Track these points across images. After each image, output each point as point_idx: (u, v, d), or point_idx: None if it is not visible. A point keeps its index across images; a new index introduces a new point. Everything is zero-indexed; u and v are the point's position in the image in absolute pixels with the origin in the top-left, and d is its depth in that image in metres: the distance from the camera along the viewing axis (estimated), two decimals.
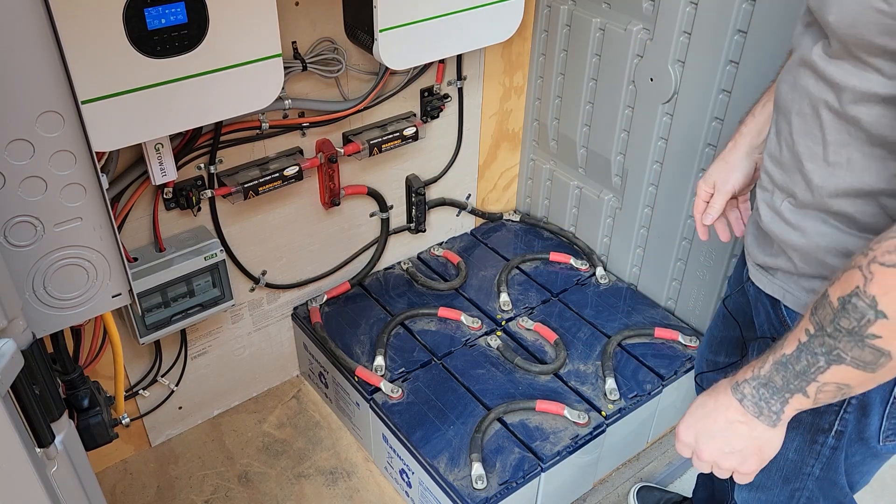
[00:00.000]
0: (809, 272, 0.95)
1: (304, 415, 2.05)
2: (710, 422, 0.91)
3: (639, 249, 2.08)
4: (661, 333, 1.93)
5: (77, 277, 0.91)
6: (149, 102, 1.23)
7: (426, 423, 1.70)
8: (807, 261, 0.94)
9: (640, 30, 1.80)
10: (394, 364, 1.85)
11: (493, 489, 1.57)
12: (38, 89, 0.78)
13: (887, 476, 1.98)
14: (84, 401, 1.14)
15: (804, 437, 1.06)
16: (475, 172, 2.25)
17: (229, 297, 1.74)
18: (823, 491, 1.13)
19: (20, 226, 0.84)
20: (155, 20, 1.18)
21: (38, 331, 0.90)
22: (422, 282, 2.10)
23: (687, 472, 1.97)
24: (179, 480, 1.87)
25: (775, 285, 1.01)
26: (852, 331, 0.76)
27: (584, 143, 2.10)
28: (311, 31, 1.65)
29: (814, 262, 0.94)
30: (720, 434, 0.91)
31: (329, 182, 1.84)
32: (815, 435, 1.06)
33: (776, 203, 0.98)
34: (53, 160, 0.82)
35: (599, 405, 1.75)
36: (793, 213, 0.95)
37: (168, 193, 1.59)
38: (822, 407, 0.95)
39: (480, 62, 2.06)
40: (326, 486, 1.86)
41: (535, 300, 2.05)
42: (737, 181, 1.20)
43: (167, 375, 1.85)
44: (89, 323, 1.40)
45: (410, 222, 2.15)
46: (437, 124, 2.06)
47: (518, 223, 2.37)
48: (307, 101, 1.71)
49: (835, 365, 0.79)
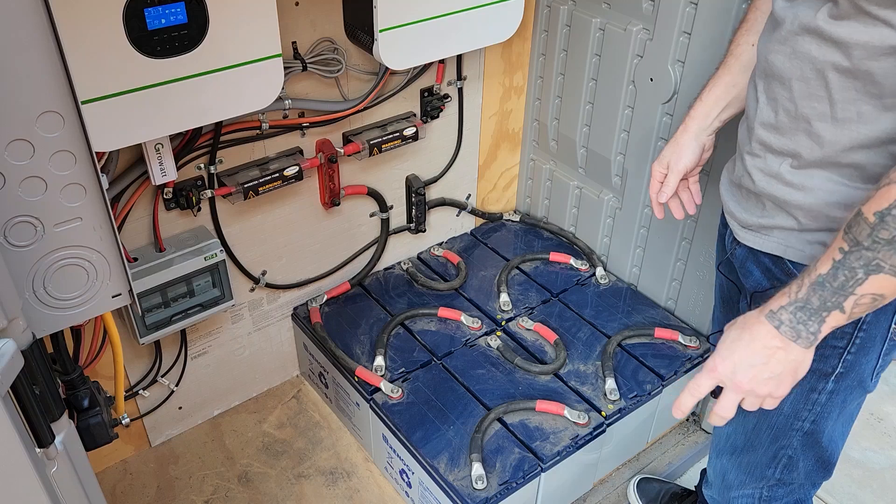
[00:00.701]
0: (814, 227, 1.01)
1: (304, 415, 2.05)
2: (749, 351, 0.96)
3: (639, 249, 2.08)
4: (661, 333, 1.93)
5: (77, 277, 0.91)
6: (149, 102, 1.23)
7: (426, 423, 1.70)
8: (812, 216, 1.00)
9: (640, 30, 1.80)
10: (394, 364, 1.85)
11: (493, 489, 1.57)
12: (38, 89, 0.78)
13: (887, 476, 1.98)
14: (84, 401, 1.14)
15: (803, 386, 1.08)
16: (475, 172, 2.25)
17: (229, 297, 1.74)
18: (805, 449, 1.18)
19: (20, 226, 0.84)
20: (155, 20, 1.18)
21: (38, 331, 0.90)
22: (422, 282, 2.10)
23: (687, 472, 1.97)
24: (179, 480, 1.87)
25: (773, 243, 1.07)
26: (891, 240, 0.82)
27: (584, 143, 2.10)
28: (311, 31, 1.65)
29: (821, 217, 1.00)
30: (759, 361, 0.95)
31: (329, 182, 1.84)
32: (815, 382, 1.11)
33: (772, 167, 1.04)
34: (53, 160, 0.82)
35: (599, 405, 1.75)
36: (794, 174, 1.01)
37: (168, 193, 1.59)
38: (826, 350, 1.05)
39: (480, 62, 2.06)
40: (326, 487, 1.86)
41: (535, 300, 2.05)
42: (688, 160, 1.31)
43: (167, 375, 1.85)
44: (89, 323, 1.41)
45: (410, 222, 2.15)
46: (437, 124, 2.06)
47: (518, 223, 2.37)
48: (307, 101, 1.71)
49: (873, 275, 0.85)
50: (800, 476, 1.23)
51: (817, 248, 1.01)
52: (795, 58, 0.96)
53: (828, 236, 1.00)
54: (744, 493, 1.30)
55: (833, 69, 0.92)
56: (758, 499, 1.29)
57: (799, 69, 0.96)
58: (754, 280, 1.13)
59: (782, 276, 1.07)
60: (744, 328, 0.97)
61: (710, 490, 1.39)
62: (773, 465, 1.22)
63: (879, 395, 2.22)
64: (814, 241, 1.02)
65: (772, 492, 1.27)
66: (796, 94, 0.97)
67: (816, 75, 0.94)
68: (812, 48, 0.93)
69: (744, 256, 1.15)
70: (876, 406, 2.19)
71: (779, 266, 1.08)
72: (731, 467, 1.28)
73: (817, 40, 0.92)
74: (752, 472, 1.26)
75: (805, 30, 0.94)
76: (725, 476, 1.31)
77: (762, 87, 1.04)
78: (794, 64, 0.97)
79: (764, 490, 1.27)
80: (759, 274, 1.12)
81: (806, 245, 1.03)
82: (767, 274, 1.10)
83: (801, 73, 0.96)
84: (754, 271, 1.13)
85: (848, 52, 0.89)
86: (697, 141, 1.30)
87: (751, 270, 1.14)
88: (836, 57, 0.91)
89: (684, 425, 2.08)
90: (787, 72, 0.98)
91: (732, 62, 1.24)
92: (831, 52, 0.91)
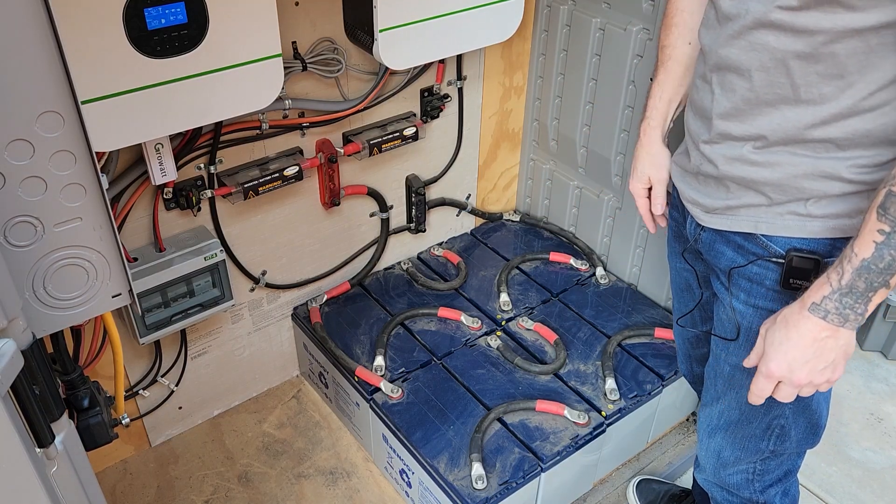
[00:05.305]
0: (784, 199, 1.05)
1: (304, 415, 2.05)
2: (801, 348, 1.00)
3: (639, 249, 2.08)
4: (661, 333, 1.93)
5: (77, 277, 0.91)
6: (149, 102, 1.23)
7: (426, 423, 1.70)
8: (781, 190, 1.05)
9: (640, 30, 1.80)
10: (394, 364, 1.85)
11: (493, 489, 1.57)
12: (38, 89, 0.78)
13: (887, 476, 1.98)
14: (84, 401, 1.14)
15: None
16: (475, 172, 2.25)
17: (229, 297, 1.74)
18: (797, 416, 1.22)
19: (20, 226, 0.84)
20: (155, 20, 1.18)
21: (38, 331, 0.90)
22: (422, 282, 2.10)
23: (687, 472, 1.97)
24: (179, 480, 1.87)
25: (743, 221, 1.11)
26: None
27: (584, 143, 2.10)
28: (311, 31, 1.65)
29: (789, 189, 1.04)
30: (813, 356, 0.99)
31: (329, 182, 1.84)
32: None
33: (734, 152, 1.08)
34: (53, 160, 0.82)
35: (599, 405, 1.75)
36: (759, 153, 1.05)
37: (168, 193, 1.59)
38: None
39: (480, 62, 2.06)
40: (326, 487, 1.86)
41: (535, 300, 2.05)
42: (668, 167, 1.33)
43: (167, 375, 1.85)
44: (89, 323, 1.41)
45: (410, 222, 2.15)
46: (437, 124, 2.06)
47: (518, 223, 2.37)
48: (307, 101, 1.71)
49: None
50: (791, 445, 1.26)
51: (789, 219, 1.06)
52: (752, 50, 1.00)
53: (797, 206, 1.05)
54: (738, 470, 1.32)
55: (794, 57, 0.96)
56: (752, 473, 1.32)
57: (758, 60, 1.00)
58: (727, 259, 1.16)
59: (758, 249, 1.11)
60: (788, 327, 1.00)
61: (703, 474, 1.41)
62: (766, 436, 1.25)
63: (879, 396, 2.22)
64: (784, 213, 1.06)
65: (765, 465, 1.30)
66: (756, 83, 1.01)
67: (776, 64, 0.98)
68: (770, 39, 0.97)
69: (711, 239, 1.18)
70: (876, 406, 2.19)
71: (752, 241, 1.11)
72: (725, 444, 1.31)
73: (774, 32, 0.96)
74: (746, 447, 1.29)
75: (760, 23, 0.97)
76: (720, 454, 1.33)
77: (716, 80, 1.07)
78: (751, 56, 1.00)
79: (757, 464, 1.30)
80: (732, 252, 1.15)
81: (777, 217, 1.07)
82: (741, 251, 1.13)
83: (761, 64, 0.99)
84: (725, 251, 1.16)
85: (810, 39, 0.93)
86: (664, 146, 1.34)
87: (721, 251, 1.17)
88: (797, 45, 0.95)
89: (684, 425, 2.08)
90: (744, 63, 1.01)
91: (673, 65, 1.28)
92: (791, 41, 0.95)
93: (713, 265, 1.21)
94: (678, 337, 1.55)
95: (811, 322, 0.98)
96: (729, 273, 1.16)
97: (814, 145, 1.00)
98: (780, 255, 1.08)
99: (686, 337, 1.50)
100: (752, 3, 0.98)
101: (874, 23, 0.89)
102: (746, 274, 1.13)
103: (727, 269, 1.16)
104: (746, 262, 1.12)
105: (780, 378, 1.03)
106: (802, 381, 1.02)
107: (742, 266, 1.13)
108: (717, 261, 1.19)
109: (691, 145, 1.17)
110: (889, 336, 2.33)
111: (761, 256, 1.10)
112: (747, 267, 1.13)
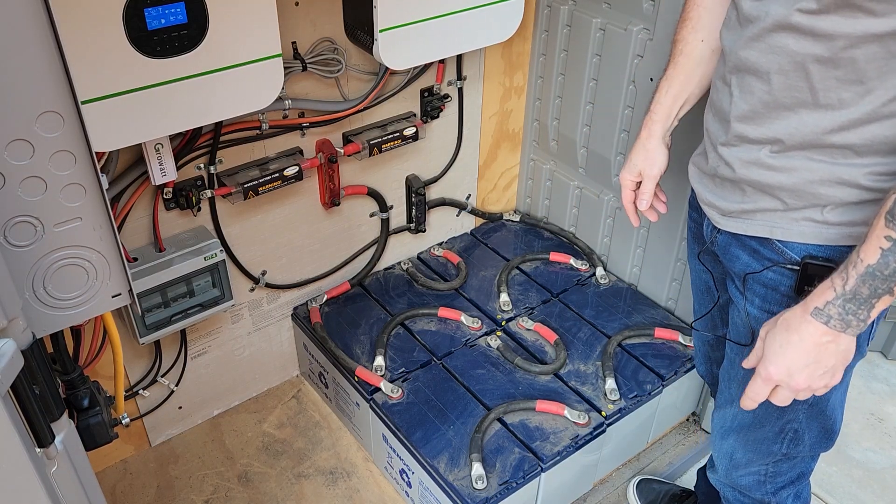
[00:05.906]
0: (800, 205, 1.04)
1: (304, 415, 2.05)
2: (801, 352, 0.99)
3: (639, 249, 2.08)
4: (661, 333, 1.93)
5: (77, 277, 0.91)
6: (149, 102, 1.23)
7: (426, 423, 1.70)
8: (797, 196, 1.04)
9: (641, 30, 1.80)
10: (394, 364, 1.85)
11: (493, 489, 1.57)
12: (38, 89, 0.78)
13: (887, 476, 1.98)
14: (84, 401, 1.14)
15: None
16: (475, 172, 2.25)
17: (229, 297, 1.74)
18: (810, 420, 1.21)
19: (20, 226, 0.84)
20: (155, 20, 1.18)
21: (38, 331, 0.90)
22: (422, 282, 2.10)
23: (687, 472, 1.97)
24: (179, 480, 1.87)
25: (759, 226, 1.10)
26: None
27: (584, 143, 2.10)
28: (311, 31, 1.65)
29: (805, 195, 1.03)
30: (813, 360, 0.99)
31: (329, 182, 1.84)
32: None
33: (752, 154, 1.06)
34: (53, 160, 0.82)
35: (599, 405, 1.75)
36: (775, 158, 1.04)
37: (168, 193, 1.59)
38: None
39: (480, 62, 2.06)
40: (326, 486, 1.86)
41: (535, 300, 2.05)
42: (662, 165, 1.34)
43: (167, 375, 1.85)
44: (89, 323, 1.41)
45: (410, 222, 2.15)
46: (437, 124, 2.06)
47: (518, 223, 2.37)
48: (307, 102, 1.71)
49: None
50: (804, 448, 1.25)
51: (805, 225, 1.05)
52: (772, 52, 0.99)
53: (814, 212, 1.03)
54: (750, 472, 1.32)
55: (814, 61, 0.95)
56: (763, 475, 1.31)
57: (777, 63, 0.99)
58: (742, 263, 1.15)
59: (773, 255, 1.10)
60: (789, 330, 0.99)
61: (715, 474, 1.40)
62: (779, 439, 1.24)
63: (880, 396, 2.22)
64: (800, 219, 1.05)
65: (777, 467, 1.29)
66: (775, 86, 1.00)
67: (795, 67, 0.97)
68: (789, 42, 0.96)
69: (727, 242, 1.17)
70: (876, 406, 2.19)
71: (767, 246, 1.10)
72: (738, 446, 1.30)
73: (794, 35, 0.95)
74: (758, 449, 1.28)
75: (780, 26, 0.96)
76: (733, 456, 1.32)
77: (735, 81, 1.07)
78: (770, 58, 1.00)
79: (770, 466, 1.29)
80: (747, 257, 1.14)
81: (792, 223, 1.06)
82: (755, 255, 1.13)
83: (780, 67, 0.99)
84: (741, 255, 1.15)
85: (830, 43, 0.92)
86: (664, 143, 1.33)
87: (737, 255, 1.16)
88: (817, 49, 0.94)
89: (684, 425, 2.08)
90: (763, 66, 1.01)
91: (683, 60, 1.26)
92: (810, 44, 0.94)
93: (729, 269, 1.21)
94: (697, 339, 1.54)
95: (813, 326, 0.97)
96: (744, 278, 1.16)
97: (831, 151, 0.99)
98: (795, 262, 1.07)
99: (705, 339, 1.49)
100: (772, 6, 0.97)
101: (894, 28, 0.88)
102: (762, 280, 1.12)
103: (742, 274, 1.16)
104: (762, 267, 1.11)
105: (778, 381, 1.03)
106: (801, 386, 1.01)
107: (758, 272, 1.12)
108: (733, 265, 1.18)
109: (709, 147, 1.16)
110: (889, 336, 2.33)
111: (776, 262, 1.09)
112: (763, 273, 1.11)
